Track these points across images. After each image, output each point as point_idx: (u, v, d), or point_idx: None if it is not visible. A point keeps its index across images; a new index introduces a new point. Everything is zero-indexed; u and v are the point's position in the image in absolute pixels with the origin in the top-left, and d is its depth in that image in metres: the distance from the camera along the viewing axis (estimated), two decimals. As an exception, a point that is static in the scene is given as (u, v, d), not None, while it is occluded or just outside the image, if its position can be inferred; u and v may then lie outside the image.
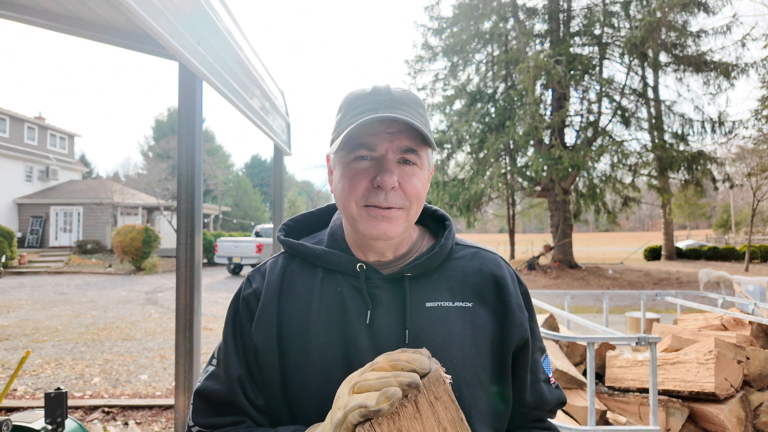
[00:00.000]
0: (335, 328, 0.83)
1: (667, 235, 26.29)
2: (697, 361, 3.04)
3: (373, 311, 0.83)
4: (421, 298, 0.85)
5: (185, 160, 2.01)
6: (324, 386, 0.81)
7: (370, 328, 0.82)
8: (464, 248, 0.94)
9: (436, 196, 19.61)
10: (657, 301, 11.13)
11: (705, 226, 59.16)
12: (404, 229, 0.84)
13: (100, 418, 4.35)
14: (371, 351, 0.81)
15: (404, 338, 0.82)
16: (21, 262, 20.05)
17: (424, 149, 0.84)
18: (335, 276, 0.88)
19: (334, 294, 0.86)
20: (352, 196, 0.82)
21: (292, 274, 0.90)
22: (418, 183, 0.83)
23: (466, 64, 21.18)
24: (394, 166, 0.81)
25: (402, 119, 0.77)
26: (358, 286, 0.85)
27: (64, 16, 2.28)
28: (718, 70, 17.83)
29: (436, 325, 0.83)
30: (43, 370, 5.96)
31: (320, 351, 0.82)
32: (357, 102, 0.83)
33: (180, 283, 2.02)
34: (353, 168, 0.82)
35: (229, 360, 0.87)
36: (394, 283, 0.86)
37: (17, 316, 9.68)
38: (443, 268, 0.89)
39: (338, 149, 0.82)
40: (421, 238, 0.95)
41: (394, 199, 0.81)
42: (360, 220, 0.82)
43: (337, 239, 0.92)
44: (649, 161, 18.24)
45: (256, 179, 57.49)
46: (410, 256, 0.90)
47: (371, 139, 0.80)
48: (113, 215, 25.06)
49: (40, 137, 27.96)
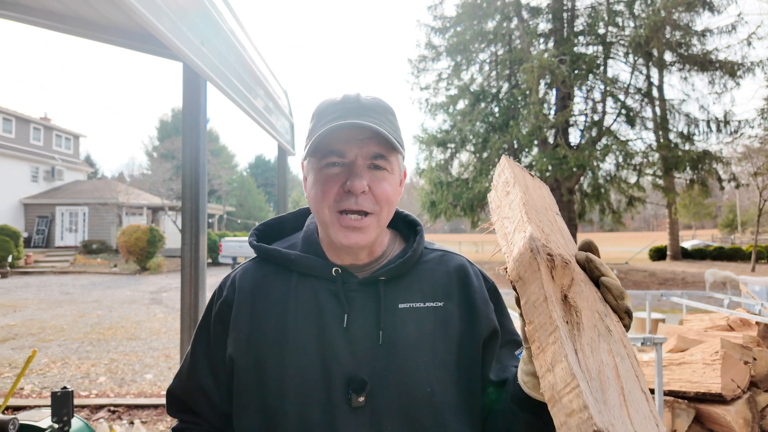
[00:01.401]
0: (312, 331, 0.85)
1: (673, 235, 26.16)
2: (703, 362, 3.03)
3: (349, 314, 0.85)
4: (393, 300, 0.88)
5: (190, 161, 2.01)
6: (302, 388, 0.82)
7: (347, 330, 0.84)
8: (432, 251, 0.98)
9: (440, 196, 19.61)
10: (662, 301, 11.07)
11: (711, 225, 58.81)
12: (376, 235, 0.87)
13: (106, 417, 4.38)
14: (347, 352, 0.83)
15: (378, 339, 0.84)
16: (27, 261, 20.18)
17: (393, 155, 0.87)
18: (310, 280, 0.89)
19: (310, 298, 0.87)
20: (325, 202, 0.84)
21: (265, 279, 0.92)
22: (388, 187, 0.86)
23: (470, 63, 21.13)
24: (364, 171, 0.84)
25: (368, 126, 0.80)
26: (335, 290, 0.87)
27: (69, 17, 2.30)
28: (724, 69, 17.73)
29: (409, 325, 0.86)
30: (49, 370, 5.99)
31: (297, 354, 0.84)
32: (328, 110, 0.86)
33: (185, 282, 2.02)
34: (324, 174, 0.85)
35: (193, 366, 0.94)
36: (369, 287, 0.88)
37: (23, 316, 9.74)
38: (414, 271, 0.92)
39: (310, 156, 0.87)
40: (392, 241, 0.98)
41: (365, 203, 0.83)
42: (332, 227, 0.85)
43: (312, 243, 0.94)
44: (655, 161, 18.15)
45: (260, 179, 57.61)
46: (383, 260, 0.93)
47: (341, 145, 0.83)
48: (118, 215, 25.17)
49: (46, 138, 28.12)
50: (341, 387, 0.82)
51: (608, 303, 0.69)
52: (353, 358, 0.83)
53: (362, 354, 0.84)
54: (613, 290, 0.67)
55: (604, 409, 0.53)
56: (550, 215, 0.79)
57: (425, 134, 20.78)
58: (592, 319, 0.64)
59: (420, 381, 0.83)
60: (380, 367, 0.83)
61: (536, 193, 0.80)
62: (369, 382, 0.82)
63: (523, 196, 0.74)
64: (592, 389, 0.54)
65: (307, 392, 0.82)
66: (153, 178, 29.39)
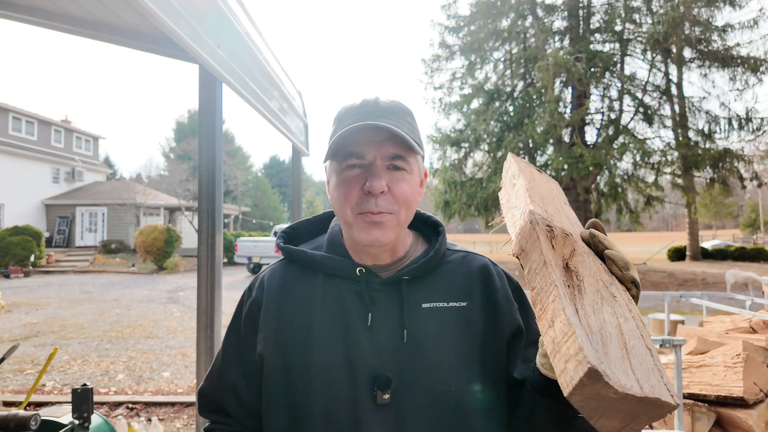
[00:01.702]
0: (338, 330, 0.87)
1: (692, 234, 25.63)
2: (724, 365, 2.96)
3: (372, 313, 0.87)
4: (417, 300, 0.89)
5: (206, 161, 2.03)
6: (328, 386, 0.84)
7: (371, 329, 0.86)
8: (454, 252, 0.99)
9: (454, 196, 19.52)
10: (681, 302, 10.86)
11: (732, 225, 57.51)
12: (396, 234, 0.89)
13: (125, 413, 4.45)
14: (372, 350, 0.85)
15: (402, 338, 0.86)
16: (49, 261, 20.63)
17: (411, 155, 0.88)
18: (335, 280, 0.91)
19: (335, 298, 0.90)
20: (347, 204, 0.87)
21: (292, 280, 0.95)
22: (406, 187, 0.87)
23: (484, 62, 21.01)
24: (383, 172, 0.86)
25: (384, 127, 0.82)
26: (359, 289, 0.89)
27: (90, 21, 2.34)
28: (746, 65, 17.33)
29: (432, 324, 0.87)
30: (69, 367, 6.12)
31: (323, 353, 0.85)
32: (347, 114, 0.89)
33: (201, 282, 2.04)
34: (345, 176, 0.87)
35: (224, 367, 0.97)
36: (392, 286, 0.90)
37: (45, 314, 9.96)
38: (436, 272, 0.93)
39: (331, 159, 0.90)
40: (414, 243, 1.00)
41: (384, 204, 0.85)
42: (354, 227, 0.87)
43: (337, 244, 0.96)
44: (673, 159, 17.82)
45: (275, 180, 58.06)
46: (406, 260, 0.95)
47: (360, 147, 0.86)
48: (136, 215, 25.59)
49: (66, 140, 28.74)
50: (366, 385, 0.83)
51: (614, 274, 0.71)
52: (378, 357, 0.84)
53: (386, 352, 0.85)
54: (618, 261, 0.70)
55: (604, 358, 0.54)
56: (558, 203, 0.82)
57: (439, 134, 20.73)
58: (594, 285, 0.67)
59: (444, 380, 0.84)
60: (404, 366, 0.84)
61: (544, 185, 0.84)
62: (394, 379, 0.83)
63: (527, 184, 0.78)
64: (592, 341, 0.56)
65: (332, 390, 0.83)
66: (170, 178, 29.80)
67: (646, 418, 0.55)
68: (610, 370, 0.53)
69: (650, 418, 0.55)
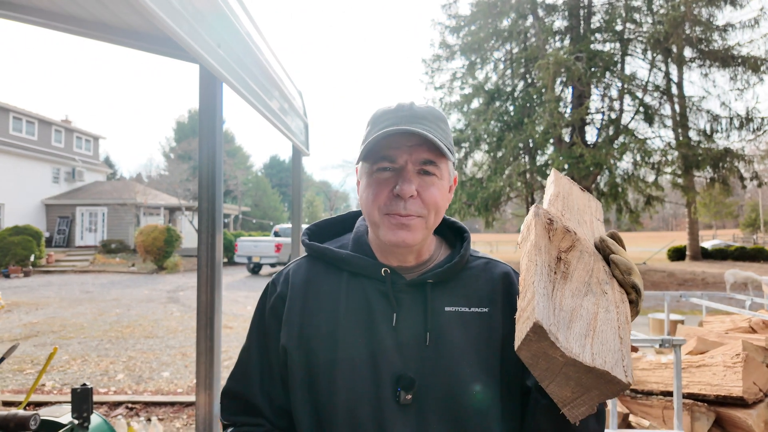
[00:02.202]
0: (362, 328, 0.88)
1: (692, 234, 25.63)
2: (723, 365, 2.96)
3: (397, 314, 0.88)
4: (440, 303, 0.90)
5: (206, 161, 2.03)
6: (351, 383, 0.85)
7: (395, 329, 0.87)
8: (477, 259, 1.01)
9: (454, 196, 19.50)
10: (681, 302, 10.86)
11: (732, 225, 57.46)
12: (423, 237, 0.89)
13: (124, 413, 4.45)
14: (395, 350, 0.86)
15: (425, 339, 0.87)
16: (49, 261, 20.64)
17: (443, 161, 0.89)
18: (360, 279, 0.92)
19: (360, 296, 0.90)
20: (375, 204, 0.88)
21: (316, 276, 0.95)
22: (436, 192, 0.88)
23: (484, 62, 20.99)
24: (414, 177, 0.86)
25: (418, 132, 0.83)
26: (384, 289, 0.90)
27: (89, 21, 2.34)
28: (746, 65, 17.31)
29: (454, 328, 0.88)
30: (69, 366, 6.12)
31: (347, 350, 0.86)
32: (382, 117, 0.89)
33: (201, 282, 2.04)
34: (376, 178, 0.88)
35: (250, 364, 0.95)
36: (416, 288, 0.91)
37: (45, 314, 9.97)
38: (459, 277, 0.95)
39: (363, 161, 0.91)
40: (438, 247, 1.01)
41: (413, 208, 0.86)
42: (382, 227, 0.88)
43: (362, 244, 0.97)
44: (674, 159, 17.81)
45: (275, 179, 58.02)
46: (430, 263, 0.96)
47: (392, 151, 0.86)
48: (136, 215, 25.60)
49: (67, 140, 28.73)
50: (390, 384, 0.84)
51: (616, 278, 0.72)
52: (401, 357, 0.86)
53: (410, 353, 0.86)
54: (620, 265, 0.72)
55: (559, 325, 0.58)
56: (587, 217, 0.85)
57: (439, 133, 20.68)
58: (585, 278, 0.69)
59: (465, 383, 0.85)
60: (427, 367, 0.85)
61: (580, 200, 0.87)
62: (416, 380, 0.84)
63: (557, 191, 0.82)
64: (556, 315, 0.59)
65: (356, 388, 0.84)
66: (170, 178, 29.81)
67: (597, 392, 0.57)
68: (561, 334, 0.56)
69: (602, 394, 0.57)
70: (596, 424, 0.81)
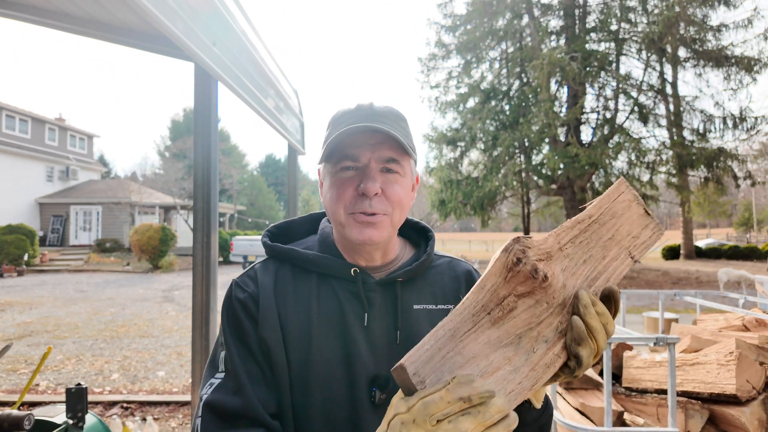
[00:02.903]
0: (335, 330, 0.87)
1: (686, 233, 25.80)
2: (717, 363, 2.98)
3: (369, 313, 0.88)
4: (409, 302, 0.92)
5: (201, 160, 2.03)
6: (327, 387, 0.84)
7: (367, 329, 0.87)
8: (441, 257, 1.03)
9: (449, 194, 19.53)
10: (676, 300, 10.93)
11: (726, 224, 57.86)
12: (389, 234, 0.90)
13: (119, 413, 4.44)
14: (368, 351, 0.86)
15: (396, 339, 0.88)
16: (43, 260, 20.51)
17: (405, 159, 0.89)
18: (330, 280, 0.91)
19: (331, 297, 0.90)
20: (341, 204, 0.87)
21: (284, 278, 0.92)
22: (400, 190, 0.88)
23: (480, 61, 21.02)
24: (377, 174, 0.86)
25: (381, 129, 0.83)
26: (354, 290, 0.90)
27: (83, 18, 2.33)
28: (740, 65, 17.42)
29: (423, 325, 0.90)
30: (64, 366, 6.09)
31: (322, 353, 0.85)
32: (342, 118, 0.89)
33: (196, 281, 2.04)
34: (339, 177, 0.88)
35: (238, 369, 0.83)
36: (386, 287, 0.92)
37: (39, 313, 9.91)
38: (426, 275, 0.97)
39: (325, 161, 0.90)
40: (403, 247, 1.02)
41: (378, 205, 0.86)
42: (347, 226, 0.87)
43: (329, 245, 0.96)
44: (668, 159, 17.90)
45: (271, 178, 57.88)
46: (397, 262, 0.97)
47: (355, 150, 0.86)
48: (131, 214, 25.49)
49: (61, 138, 28.55)
50: (364, 384, 0.84)
51: (565, 340, 0.66)
52: (374, 357, 0.86)
53: (381, 352, 0.87)
54: (574, 330, 0.65)
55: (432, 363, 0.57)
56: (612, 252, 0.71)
57: (435, 133, 20.73)
58: (519, 329, 0.63)
59: None
60: None
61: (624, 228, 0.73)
62: (391, 379, 0.84)
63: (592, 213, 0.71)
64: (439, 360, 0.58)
65: (331, 389, 0.84)
66: (165, 177, 29.70)
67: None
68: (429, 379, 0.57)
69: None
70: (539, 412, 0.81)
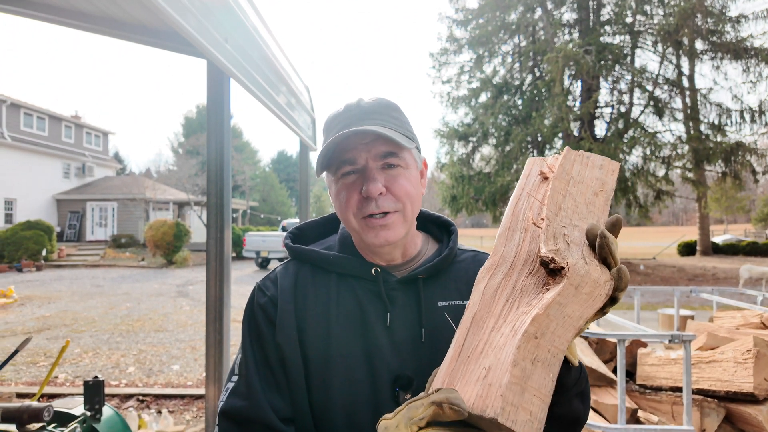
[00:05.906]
0: (355, 330, 0.86)
1: (703, 229, 25.35)
2: (734, 361, 2.94)
3: (391, 313, 0.87)
4: (433, 298, 0.90)
5: (214, 156, 2.05)
6: (348, 387, 0.83)
7: (389, 328, 0.86)
8: (465, 251, 1.00)
9: (461, 190, 19.44)
10: (691, 297, 10.73)
11: (744, 220, 56.73)
12: (405, 230, 0.88)
13: (135, 405, 4.51)
14: (391, 350, 0.85)
15: (420, 336, 0.86)
16: (60, 255, 20.89)
17: (403, 150, 0.87)
18: (350, 280, 0.91)
19: (351, 298, 0.89)
20: (349, 210, 0.86)
21: (304, 279, 0.92)
22: (405, 182, 0.86)
23: (492, 55, 20.81)
24: (378, 173, 0.85)
25: (368, 131, 0.81)
26: (376, 289, 0.89)
27: (98, 17, 2.35)
28: (759, 57, 17.01)
29: (449, 322, 0.87)
30: (81, 359, 6.21)
31: (342, 354, 0.85)
32: (333, 122, 0.88)
33: (210, 276, 2.06)
34: (342, 183, 0.87)
35: (251, 374, 0.85)
36: (408, 285, 0.90)
37: (57, 308, 10.10)
38: (449, 270, 0.94)
39: (325, 170, 0.89)
40: (425, 243, 1.00)
41: (385, 204, 0.85)
42: (362, 232, 0.87)
43: (349, 245, 0.96)
44: (684, 153, 17.59)
45: (283, 174, 58.13)
46: (419, 259, 0.95)
47: (350, 153, 0.85)
48: (145, 210, 25.80)
49: (77, 135, 28.98)
50: (387, 384, 0.83)
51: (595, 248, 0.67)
52: (397, 356, 0.85)
53: (406, 351, 0.85)
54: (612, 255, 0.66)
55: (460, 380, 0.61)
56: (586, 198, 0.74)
57: (446, 128, 20.60)
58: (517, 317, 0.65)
59: None
60: (424, 365, 0.84)
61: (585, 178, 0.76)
62: (414, 379, 0.83)
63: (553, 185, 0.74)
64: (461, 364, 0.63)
65: (353, 390, 0.83)
66: (179, 173, 29.95)
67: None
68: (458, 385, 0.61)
69: None
70: (581, 403, 0.80)
